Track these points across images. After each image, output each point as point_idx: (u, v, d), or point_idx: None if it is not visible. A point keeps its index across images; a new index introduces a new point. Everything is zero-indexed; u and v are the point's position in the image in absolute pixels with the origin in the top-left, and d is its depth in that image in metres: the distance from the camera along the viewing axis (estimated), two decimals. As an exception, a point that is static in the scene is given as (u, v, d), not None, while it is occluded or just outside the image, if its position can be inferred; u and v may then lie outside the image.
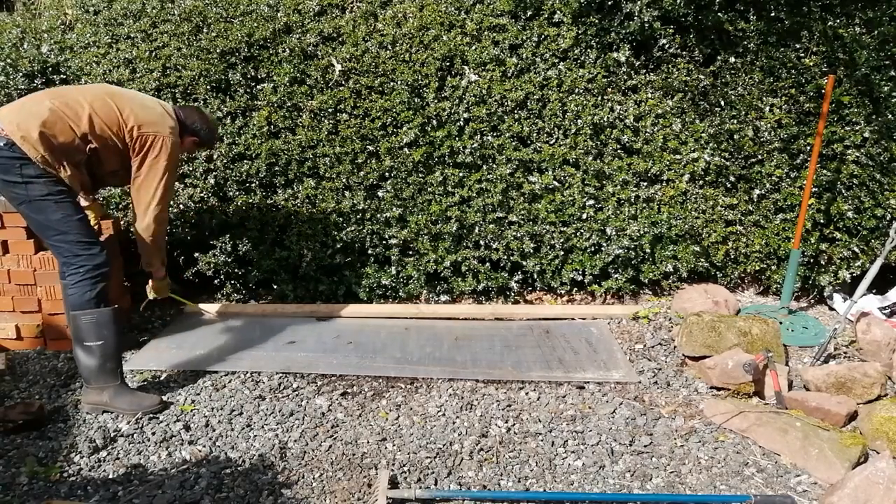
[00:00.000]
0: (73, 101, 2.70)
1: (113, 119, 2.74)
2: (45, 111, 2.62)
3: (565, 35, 3.72)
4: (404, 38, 3.71)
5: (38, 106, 2.64)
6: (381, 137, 3.71)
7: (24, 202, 2.65)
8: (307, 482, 2.38)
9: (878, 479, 2.16)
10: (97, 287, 2.72)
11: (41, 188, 2.62)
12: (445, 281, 3.91)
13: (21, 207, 2.69)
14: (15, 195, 2.65)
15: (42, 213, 2.66)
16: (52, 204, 2.65)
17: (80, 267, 2.70)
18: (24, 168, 2.59)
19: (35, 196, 2.62)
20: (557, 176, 3.78)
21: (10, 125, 2.58)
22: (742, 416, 2.73)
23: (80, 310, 2.71)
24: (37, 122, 2.58)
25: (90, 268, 2.71)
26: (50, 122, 2.61)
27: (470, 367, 3.20)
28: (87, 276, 2.71)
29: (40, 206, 2.65)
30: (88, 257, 2.71)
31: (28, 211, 2.69)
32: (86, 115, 2.69)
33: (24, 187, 2.61)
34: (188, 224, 3.75)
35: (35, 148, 2.57)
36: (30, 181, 2.60)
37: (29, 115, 2.61)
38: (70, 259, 2.71)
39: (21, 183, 2.60)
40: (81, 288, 2.70)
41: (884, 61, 3.70)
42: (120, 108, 2.76)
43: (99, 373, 2.75)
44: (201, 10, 3.76)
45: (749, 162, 3.87)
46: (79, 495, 2.30)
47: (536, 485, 2.41)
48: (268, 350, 3.35)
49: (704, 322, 3.24)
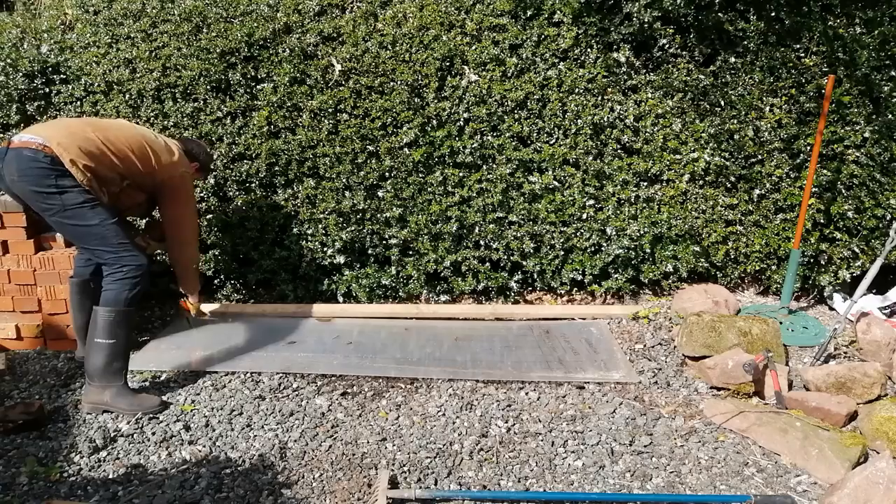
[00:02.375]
0: (116, 139, 2.80)
1: (148, 163, 2.88)
2: (93, 143, 2.72)
3: (565, 35, 3.72)
4: (404, 38, 3.71)
5: (85, 136, 2.72)
6: (381, 137, 3.71)
7: (59, 212, 2.67)
8: (307, 482, 2.38)
9: (878, 479, 2.16)
10: (136, 288, 2.78)
11: (76, 196, 2.66)
12: (445, 281, 3.91)
13: (55, 218, 2.71)
14: (49, 206, 2.67)
15: (79, 220, 2.69)
16: (88, 210, 2.68)
17: (123, 267, 2.75)
18: (60, 179, 2.63)
19: (70, 204, 2.66)
20: (557, 176, 3.78)
21: (57, 147, 2.63)
22: (742, 416, 2.73)
23: (108, 306, 2.75)
24: (86, 153, 2.68)
25: (134, 268, 2.76)
26: (97, 156, 2.71)
27: (470, 368, 3.20)
28: (130, 276, 2.76)
29: (77, 214, 2.68)
30: (132, 258, 2.77)
31: (64, 220, 2.71)
32: (127, 156, 2.81)
33: (58, 197, 2.64)
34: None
35: (83, 173, 2.66)
36: (65, 190, 2.64)
37: (78, 142, 2.68)
38: (114, 261, 2.75)
39: (56, 193, 2.64)
40: (121, 286, 2.75)
41: (884, 61, 3.70)
42: (155, 153, 2.90)
43: (104, 371, 2.76)
44: (201, 10, 3.75)
45: (749, 162, 3.87)
46: (79, 495, 2.30)
47: (536, 485, 2.41)
48: (268, 350, 3.35)
49: (704, 322, 3.24)
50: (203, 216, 3.73)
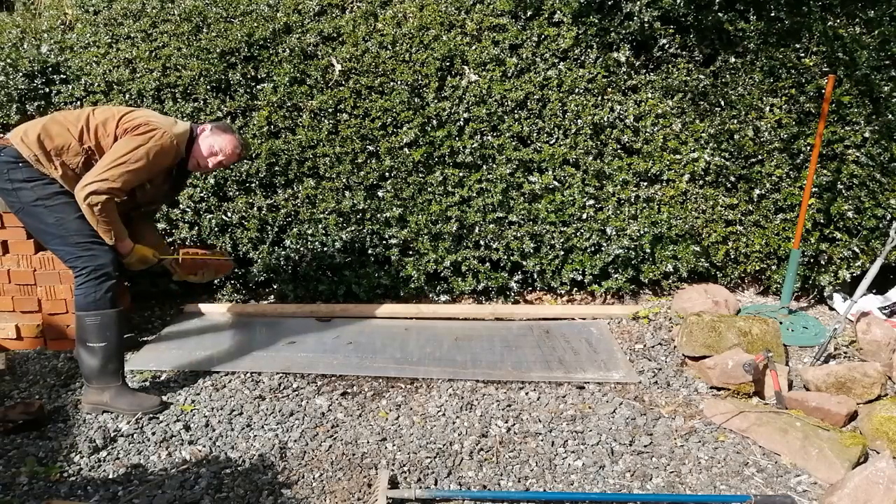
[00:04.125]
0: (77, 110, 2.80)
1: (109, 116, 2.72)
2: (46, 118, 2.74)
3: (565, 35, 3.72)
4: (404, 38, 3.71)
5: (41, 117, 2.76)
6: (381, 137, 3.71)
7: (18, 209, 2.72)
8: (307, 482, 2.38)
9: (878, 479, 2.16)
10: (102, 287, 2.72)
11: (30, 193, 2.65)
12: (445, 281, 3.91)
13: (18, 215, 2.77)
14: (10, 203, 2.71)
15: (35, 219, 2.70)
16: (44, 209, 2.66)
17: (83, 269, 2.71)
18: (12, 172, 2.63)
19: (26, 201, 2.66)
20: (557, 176, 3.78)
21: (14, 135, 2.68)
22: (742, 416, 2.73)
23: (85, 311, 2.72)
24: (37, 125, 2.68)
25: (92, 268, 2.71)
26: (48, 125, 2.69)
27: (470, 368, 3.20)
28: (91, 277, 2.71)
29: (32, 212, 2.68)
30: (89, 258, 2.70)
31: (23, 217, 2.75)
32: (84, 115, 2.74)
33: (14, 194, 2.66)
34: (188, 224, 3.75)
35: (29, 147, 2.62)
36: (19, 187, 2.64)
37: (32, 123, 2.72)
38: (73, 262, 2.72)
39: (11, 190, 2.66)
40: (87, 289, 2.71)
41: (884, 61, 3.70)
42: (119, 109, 2.78)
43: (101, 373, 2.75)
44: (201, 10, 3.75)
45: (749, 162, 3.87)
46: (79, 495, 2.30)
47: (536, 485, 2.41)
48: (268, 350, 3.35)
49: (704, 322, 3.24)
50: (203, 216, 3.73)
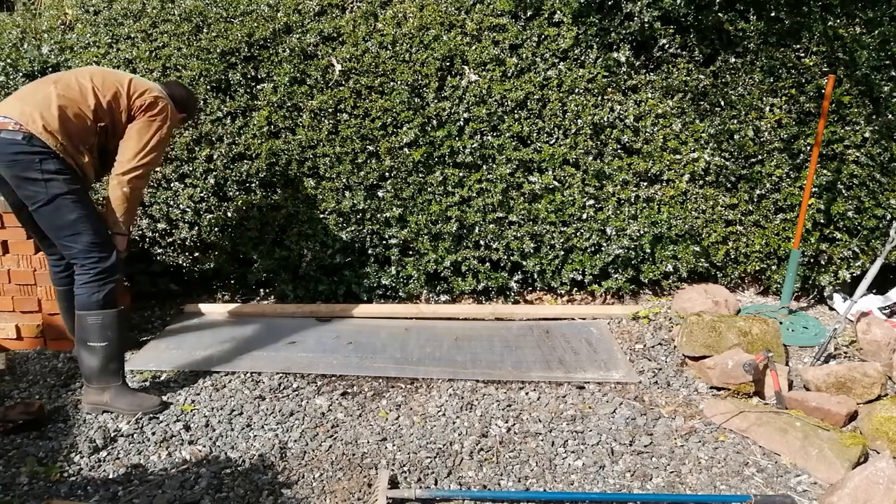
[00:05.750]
0: (74, 82, 2.69)
1: (116, 90, 2.73)
2: (54, 97, 2.59)
3: (565, 35, 3.72)
4: (404, 38, 3.71)
5: (45, 94, 2.61)
6: (381, 137, 3.71)
7: (42, 202, 2.59)
8: (307, 482, 2.38)
9: (878, 479, 2.16)
10: (105, 289, 2.71)
11: (61, 185, 2.58)
12: (445, 281, 3.91)
13: (37, 208, 2.62)
14: (33, 193, 2.58)
15: (58, 212, 2.61)
16: (70, 203, 2.61)
17: (90, 268, 2.69)
18: (45, 163, 2.54)
19: (54, 193, 2.57)
20: (557, 176, 3.78)
21: (24, 117, 2.53)
22: (742, 416, 2.73)
23: (87, 310, 2.70)
24: (54, 109, 2.56)
25: (100, 270, 2.70)
26: (63, 107, 2.59)
27: (470, 368, 3.20)
28: (96, 278, 2.69)
29: (58, 205, 2.60)
30: (100, 259, 2.69)
31: (45, 211, 2.61)
32: (90, 91, 2.68)
33: (43, 184, 2.56)
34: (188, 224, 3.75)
35: (55, 136, 2.54)
36: (50, 178, 2.56)
37: (42, 105, 2.57)
38: (82, 260, 2.69)
39: (41, 180, 2.55)
40: (90, 289, 2.70)
41: (884, 61, 3.70)
42: (119, 80, 2.77)
43: (101, 373, 2.75)
44: (201, 10, 3.75)
45: (749, 162, 3.87)
46: (79, 495, 2.30)
47: (536, 485, 2.41)
48: (268, 350, 3.35)
49: (704, 322, 3.24)
50: (203, 216, 3.73)
